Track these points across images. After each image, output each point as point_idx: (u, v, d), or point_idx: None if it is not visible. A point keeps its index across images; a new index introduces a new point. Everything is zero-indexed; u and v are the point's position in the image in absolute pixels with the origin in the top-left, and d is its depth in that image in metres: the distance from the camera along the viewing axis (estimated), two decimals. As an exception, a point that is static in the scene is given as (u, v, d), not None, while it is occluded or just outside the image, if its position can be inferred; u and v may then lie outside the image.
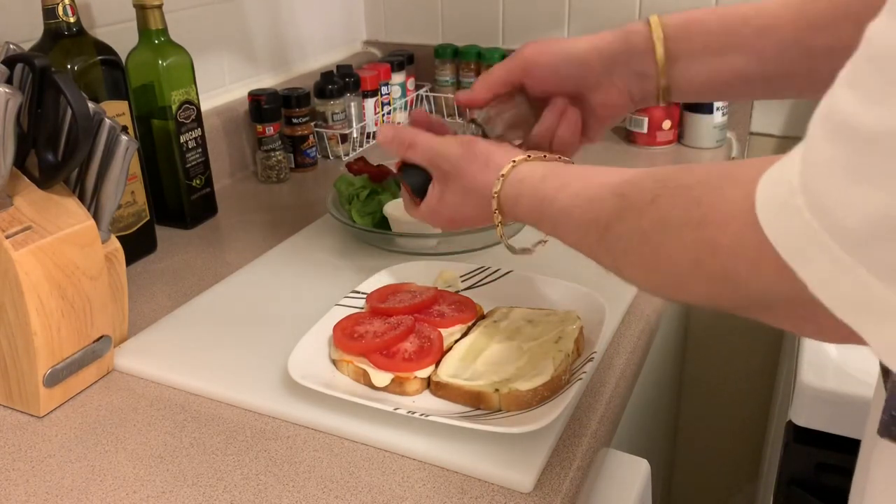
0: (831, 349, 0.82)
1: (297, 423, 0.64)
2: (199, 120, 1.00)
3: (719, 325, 1.49)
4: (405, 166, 0.65)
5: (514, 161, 0.57)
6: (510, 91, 0.65)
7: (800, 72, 0.56)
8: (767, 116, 1.33)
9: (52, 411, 0.67)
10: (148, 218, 0.94)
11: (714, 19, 0.58)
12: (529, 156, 0.57)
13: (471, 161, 0.59)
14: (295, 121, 1.20)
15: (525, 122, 0.65)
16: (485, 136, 0.65)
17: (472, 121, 0.66)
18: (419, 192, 0.64)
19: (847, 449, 0.77)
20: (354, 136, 1.31)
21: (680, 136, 1.30)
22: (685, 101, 0.66)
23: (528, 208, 0.55)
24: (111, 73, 0.87)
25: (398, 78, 1.42)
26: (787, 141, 1.33)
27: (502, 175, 0.57)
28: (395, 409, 0.61)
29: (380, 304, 0.73)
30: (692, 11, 0.59)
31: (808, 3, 0.54)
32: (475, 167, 0.59)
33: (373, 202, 0.97)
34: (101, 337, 0.70)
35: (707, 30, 0.58)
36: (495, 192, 0.57)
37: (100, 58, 0.86)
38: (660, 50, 0.59)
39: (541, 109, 0.64)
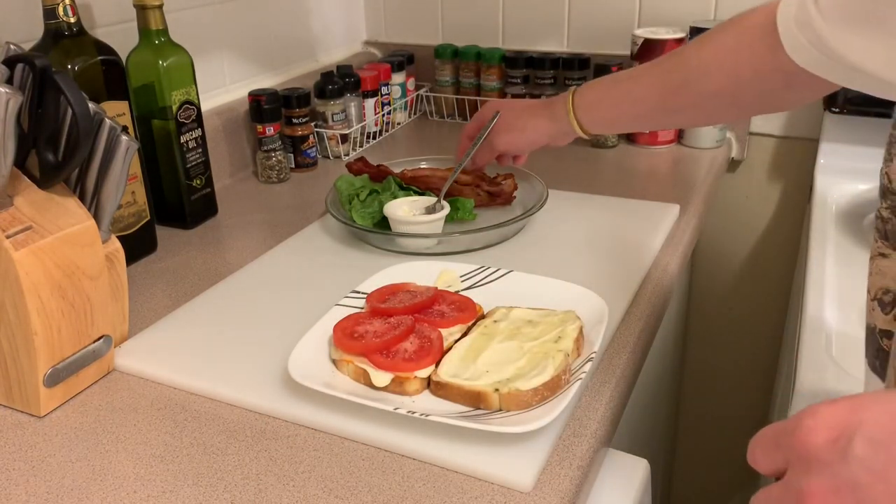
0: (831, 349, 0.82)
1: (297, 423, 0.64)
2: (199, 120, 1.00)
3: (719, 325, 1.50)
4: None
5: None
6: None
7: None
8: (767, 117, 1.33)
9: (52, 411, 0.67)
10: (148, 218, 0.94)
11: (606, 97, 0.87)
12: None
13: None
14: (295, 121, 1.20)
15: None
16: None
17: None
18: None
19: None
20: (354, 136, 1.31)
21: (680, 136, 1.30)
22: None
23: None
24: (111, 73, 0.87)
25: (398, 78, 1.42)
26: (787, 141, 1.33)
27: None
28: (395, 409, 0.61)
29: (380, 304, 0.73)
30: (595, 90, 0.88)
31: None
32: None
33: (373, 202, 0.97)
34: (101, 337, 0.70)
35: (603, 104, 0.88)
36: None
37: (100, 58, 0.86)
38: (578, 129, 0.90)
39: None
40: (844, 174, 1.18)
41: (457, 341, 0.69)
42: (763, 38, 0.66)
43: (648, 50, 1.24)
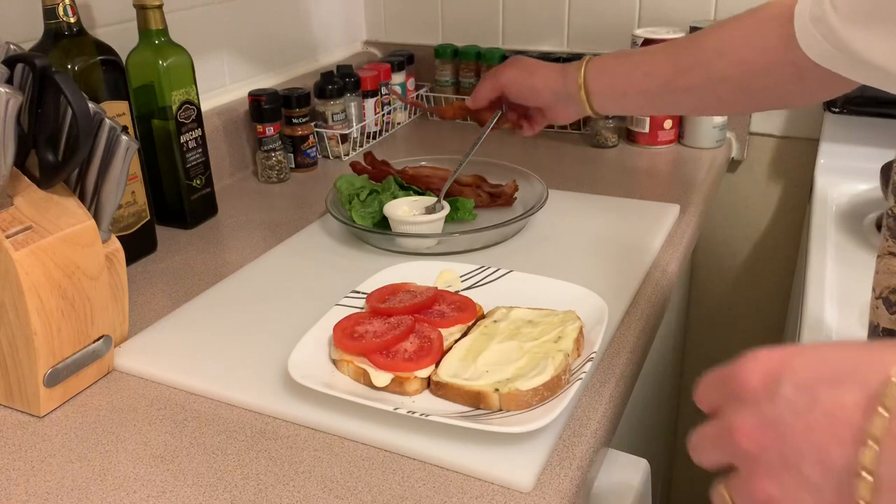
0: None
1: (297, 423, 0.64)
2: (199, 120, 1.00)
3: (719, 325, 1.50)
4: None
5: None
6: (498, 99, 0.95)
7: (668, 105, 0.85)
8: (767, 116, 1.33)
9: (52, 411, 0.67)
10: (148, 218, 0.94)
11: (618, 65, 0.84)
12: None
13: None
14: (295, 121, 1.20)
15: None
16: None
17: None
18: None
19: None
20: (354, 136, 1.31)
21: (680, 136, 1.30)
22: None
23: None
24: (111, 73, 0.87)
25: (398, 78, 1.42)
26: (787, 141, 1.33)
27: None
28: (395, 409, 0.61)
29: (380, 304, 0.73)
30: (608, 59, 0.85)
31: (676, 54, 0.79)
32: None
33: (373, 202, 0.97)
34: (101, 337, 0.70)
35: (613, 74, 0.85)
36: None
37: (100, 58, 0.86)
38: (583, 95, 0.86)
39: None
40: (844, 174, 1.18)
41: (457, 341, 0.69)
42: (776, 30, 0.68)
43: (648, 50, 1.23)
